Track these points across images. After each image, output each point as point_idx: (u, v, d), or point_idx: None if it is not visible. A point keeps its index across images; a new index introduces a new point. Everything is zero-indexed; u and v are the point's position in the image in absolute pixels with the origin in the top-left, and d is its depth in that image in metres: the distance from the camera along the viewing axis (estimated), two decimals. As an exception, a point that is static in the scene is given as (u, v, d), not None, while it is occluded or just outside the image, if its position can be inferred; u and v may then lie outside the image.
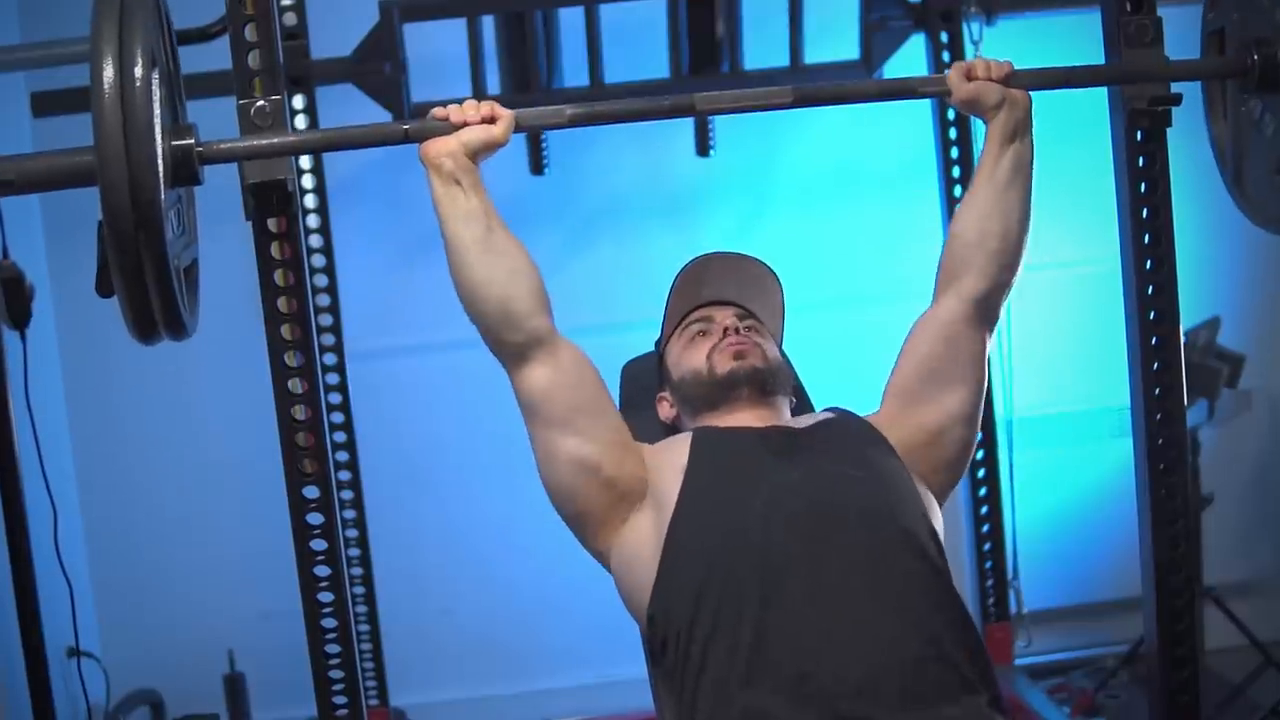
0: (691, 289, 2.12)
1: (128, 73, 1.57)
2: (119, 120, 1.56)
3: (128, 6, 1.61)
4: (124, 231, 1.58)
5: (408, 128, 1.88)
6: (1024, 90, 1.94)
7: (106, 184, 1.57)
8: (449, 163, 1.83)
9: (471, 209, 1.83)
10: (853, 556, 1.76)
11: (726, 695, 1.70)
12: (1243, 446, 3.71)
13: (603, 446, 1.87)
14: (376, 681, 3.40)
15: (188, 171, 1.75)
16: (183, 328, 1.71)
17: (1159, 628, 2.22)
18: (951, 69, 1.94)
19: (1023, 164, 1.93)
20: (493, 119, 1.86)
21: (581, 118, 1.92)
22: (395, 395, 3.56)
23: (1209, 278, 3.07)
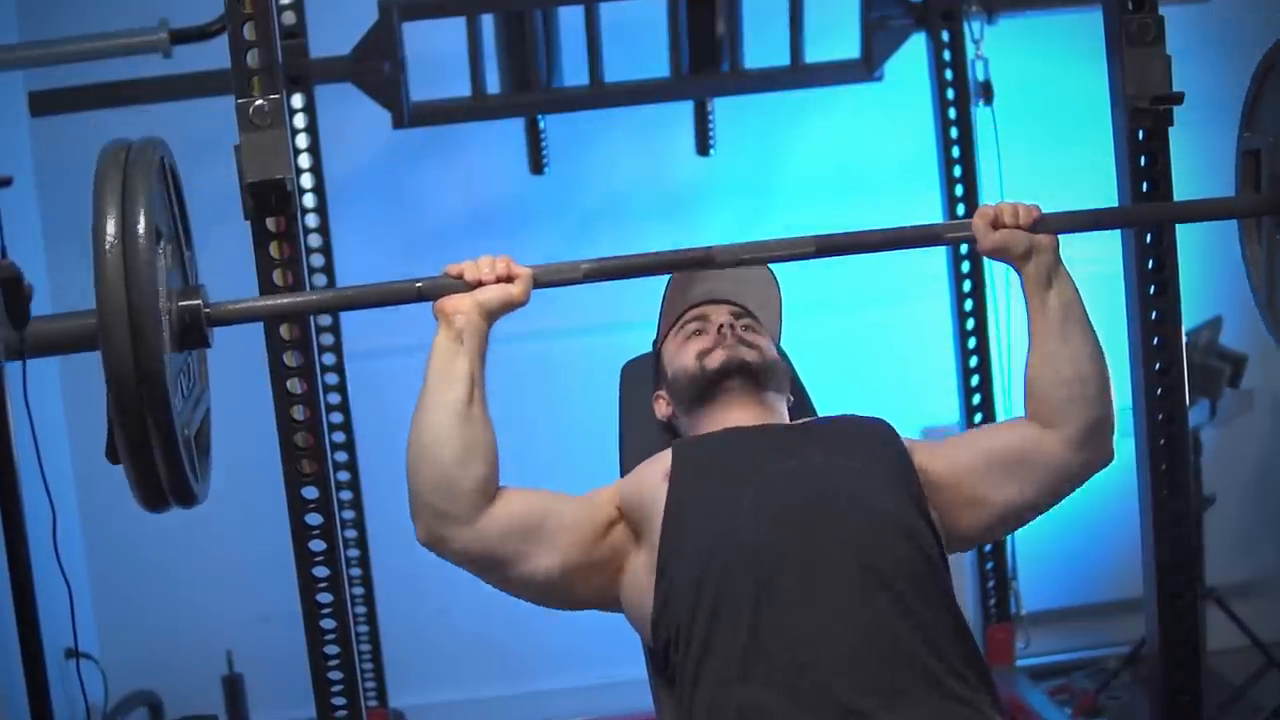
0: (687, 286, 2.12)
1: (130, 236, 1.54)
2: (121, 284, 1.53)
3: (131, 169, 1.60)
4: (128, 398, 1.55)
5: (420, 285, 1.85)
6: (1051, 234, 1.89)
7: (108, 349, 1.54)
8: (461, 319, 1.80)
9: (462, 373, 1.79)
10: (844, 548, 1.75)
11: (723, 692, 1.70)
12: (1245, 447, 3.70)
13: (563, 550, 1.83)
14: (375, 682, 3.40)
15: (196, 334, 1.72)
16: (193, 498, 1.67)
17: (1161, 628, 2.22)
18: (977, 215, 1.89)
19: (1069, 304, 1.88)
20: (509, 277, 1.82)
21: (596, 272, 1.88)
22: (394, 395, 3.53)
23: (1210, 277, 3.06)
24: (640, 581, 1.85)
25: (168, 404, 1.56)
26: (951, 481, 1.89)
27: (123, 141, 1.66)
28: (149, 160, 1.62)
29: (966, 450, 1.93)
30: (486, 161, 3.59)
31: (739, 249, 1.90)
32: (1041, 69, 3.51)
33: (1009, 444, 1.90)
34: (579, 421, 2.87)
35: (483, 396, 1.80)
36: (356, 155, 3.53)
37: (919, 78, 3.32)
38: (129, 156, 1.61)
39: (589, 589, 1.87)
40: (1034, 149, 3.45)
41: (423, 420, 1.79)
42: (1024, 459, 1.89)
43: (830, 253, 1.92)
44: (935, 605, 1.75)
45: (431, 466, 1.78)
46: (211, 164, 2.15)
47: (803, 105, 3.54)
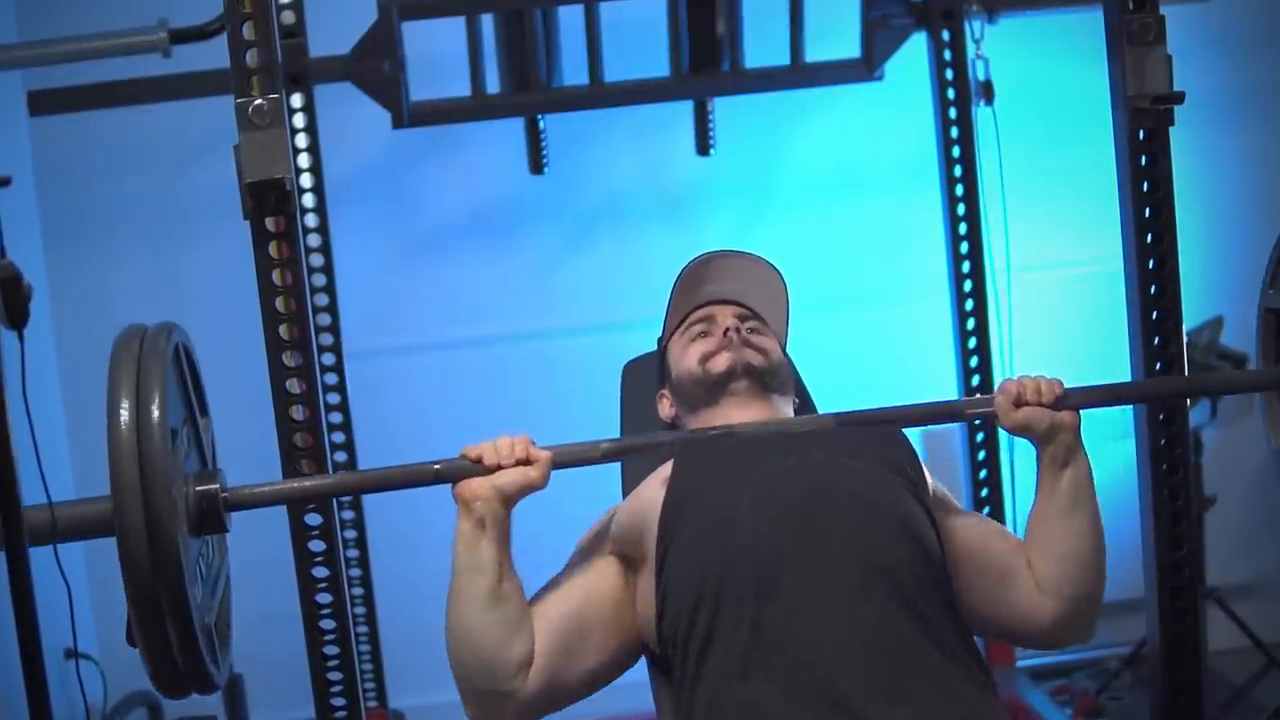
0: (694, 286, 2.11)
1: (144, 426, 1.55)
2: (135, 474, 1.54)
3: (145, 356, 1.60)
4: (143, 592, 1.54)
5: (439, 468, 1.81)
6: (1074, 410, 1.87)
7: (123, 543, 1.53)
8: (480, 506, 1.77)
9: (487, 561, 1.77)
10: (845, 545, 1.75)
11: (723, 690, 1.70)
12: (1246, 447, 3.68)
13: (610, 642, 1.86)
14: (375, 683, 3.40)
15: (213, 520, 1.71)
16: (212, 687, 1.66)
17: (1161, 629, 2.21)
18: (999, 393, 1.88)
19: (1081, 486, 1.87)
20: (528, 460, 1.79)
21: (615, 451, 1.88)
22: (394, 395, 3.55)
23: (1212, 277, 3.07)
24: (645, 596, 1.85)
25: (185, 593, 1.55)
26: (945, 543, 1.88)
27: (137, 329, 1.67)
28: (162, 347, 1.63)
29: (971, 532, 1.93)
30: (486, 161, 3.59)
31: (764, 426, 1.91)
32: (1042, 69, 3.51)
33: (1006, 560, 1.90)
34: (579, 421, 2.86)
35: (512, 576, 1.79)
36: (356, 155, 3.53)
37: (919, 77, 3.32)
38: (143, 344, 1.62)
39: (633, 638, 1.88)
40: (1035, 149, 3.45)
41: (456, 610, 1.79)
42: (1007, 582, 1.89)
43: (851, 425, 1.89)
44: (936, 603, 1.75)
45: (474, 655, 1.78)
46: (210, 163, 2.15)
47: (803, 105, 3.54)
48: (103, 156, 3.45)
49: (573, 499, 1.96)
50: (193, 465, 1.70)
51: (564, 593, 1.87)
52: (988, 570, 1.89)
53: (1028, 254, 3.45)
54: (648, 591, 1.84)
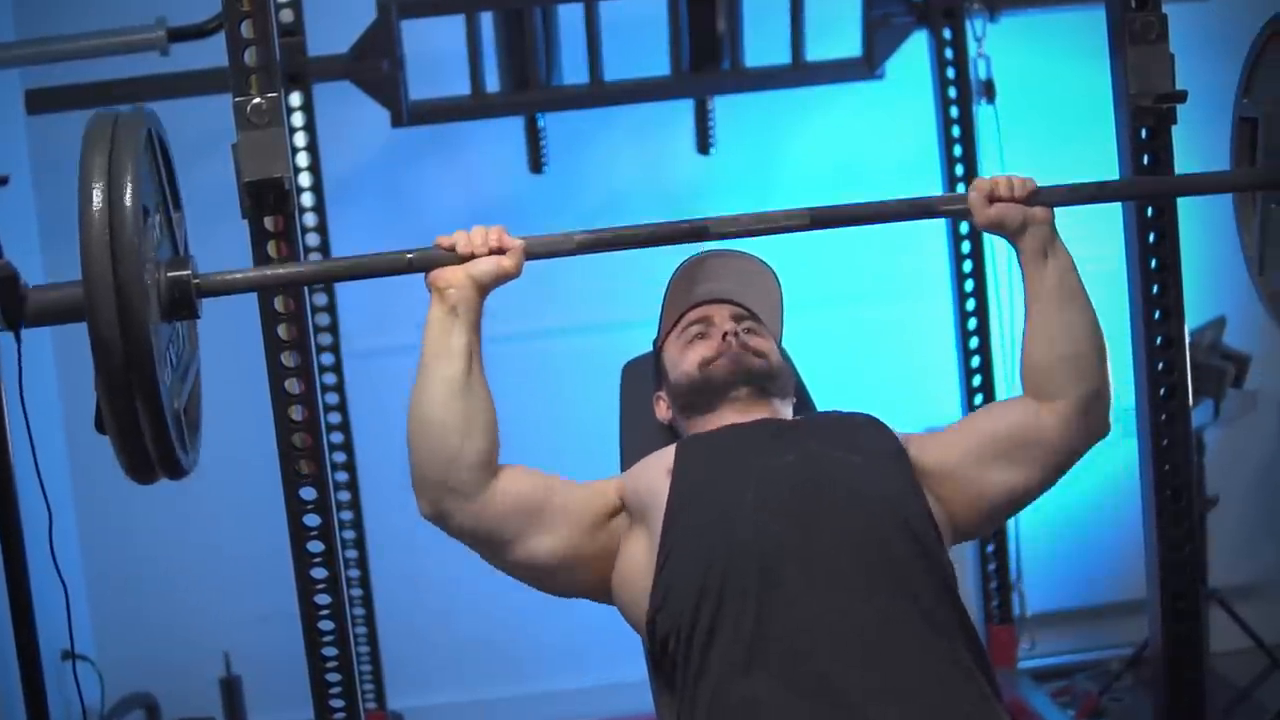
0: (688, 286, 2.11)
1: (117, 208, 1.52)
2: (107, 256, 1.50)
3: (118, 139, 1.57)
4: (114, 371, 1.52)
5: (412, 256, 1.81)
6: (1047, 206, 1.87)
7: (94, 321, 1.51)
8: (454, 293, 1.78)
9: (459, 347, 1.78)
10: (846, 540, 1.74)
11: (726, 684, 1.69)
12: (1248, 447, 3.70)
13: (564, 534, 1.84)
14: (374, 684, 3.39)
15: (185, 306, 1.70)
16: (180, 470, 1.65)
17: (1164, 630, 2.21)
18: (972, 189, 1.86)
19: (1065, 277, 1.85)
20: (501, 249, 1.80)
21: (590, 244, 1.86)
22: (393, 395, 3.52)
23: (1214, 276, 3.05)
24: (635, 572, 1.84)
25: (155, 377, 1.54)
26: (949, 472, 1.88)
27: (110, 111, 1.64)
28: (136, 131, 1.60)
29: (965, 438, 1.91)
30: (486, 160, 3.59)
31: (734, 220, 1.91)
32: (1044, 67, 3.50)
33: (1008, 427, 1.88)
34: (579, 421, 2.86)
35: (480, 369, 1.80)
36: (355, 154, 3.53)
37: (920, 76, 3.32)
38: (116, 127, 1.59)
39: (587, 575, 1.87)
40: (1036, 148, 3.44)
41: (422, 395, 1.80)
42: (1024, 441, 1.86)
43: (825, 224, 1.91)
44: (937, 597, 1.74)
45: (432, 440, 1.78)
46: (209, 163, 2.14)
47: (804, 103, 3.53)
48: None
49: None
50: (164, 253, 1.68)
51: (560, 479, 1.88)
52: (1009, 444, 1.87)
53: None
54: (636, 565, 1.84)
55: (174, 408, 1.63)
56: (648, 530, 1.84)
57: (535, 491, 1.83)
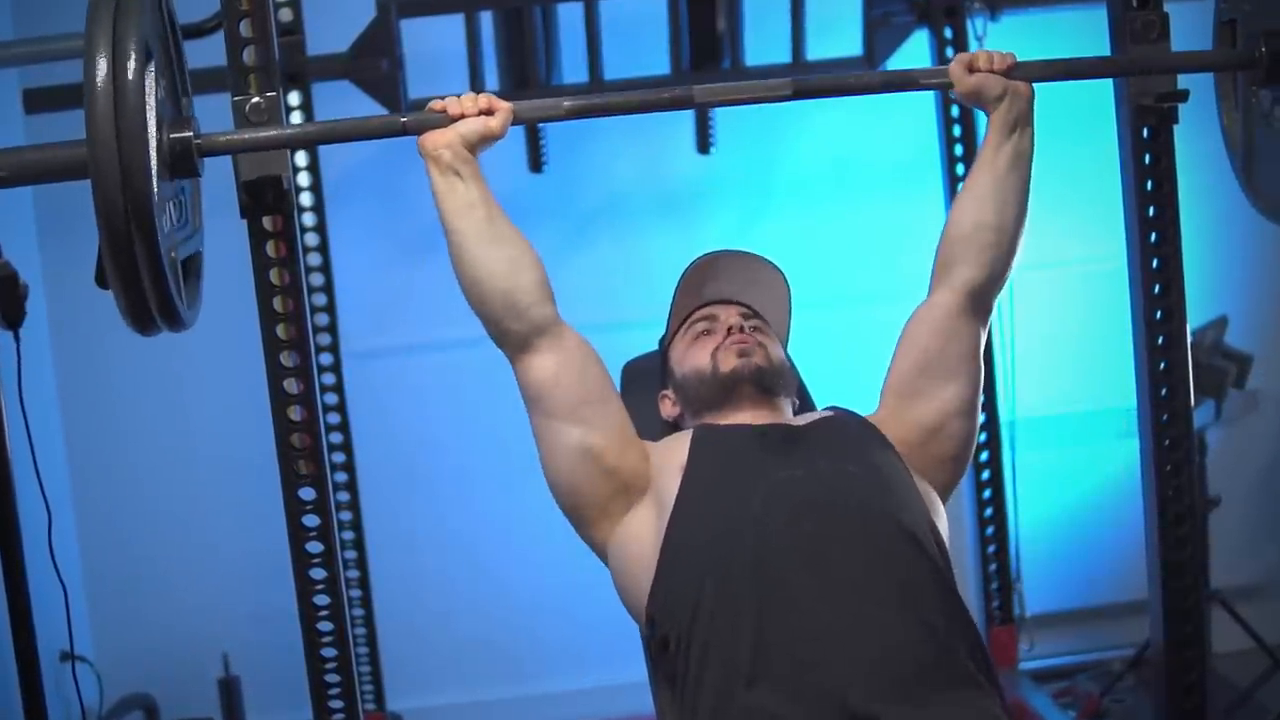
0: (697, 286, 2.11)
1: (120, 64, 1.55)
2: (111, 111, 1.55)
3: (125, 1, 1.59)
4: (116, 224, 1.57)
5: (405, 120, 1.88)
6: (1027, 81, 1.93)
7: (98, 175, 1.55)
8: (447, 154, 1.84)
9: (471, 199, 1.84)
10: (851, 552, 1.75)
11: (727, 695, 1.69)
12: (1250, 447, 3.69)
13: (607, 436, 1.87)
14: (373, 685, 3.39)
15: (186, 164, 1.74)
16: (180, 321, 1.69)
17: (1165, 631, 2.21)
18: (954, 61, 1.93)
19: (1022, 155, 1.93)
20: (490, 111, 1.86)
21: (579, 110, 1.91)
22: (392, 395, 3.54)
23: (1216, 276, 3.06)
24: (637, 551, 1.84)
25: (154, 227, 1.58)
26: (912, 425, 1.93)
27: None
28: None
29: (902, 384, 1.97)
30: (485, 160, 3.52)
31: (716, 89, 1.93)
32: (1045, 66, 3.49)
33: (927, 341, 1.95)
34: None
35: (499, 211, 1.86)
36: (354, 153, 3.51)
37: (921, 75, 3.30)
38: None
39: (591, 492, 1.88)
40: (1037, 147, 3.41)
41: (459, 256, 1.85)
42: (944, 345, 1.94)
43: (807, 95, 1.94)
44: (944, 609, 1.74)
45: (489, 293, 1.84)
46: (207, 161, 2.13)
47: (804, 103, 3.49)
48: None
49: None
50: (168, 113, 1.71)
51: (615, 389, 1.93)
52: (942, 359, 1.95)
53: (1030, 253, 3.40)
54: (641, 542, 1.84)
55: (173, 256, 1.66)
56: (657, 515, 1.84)
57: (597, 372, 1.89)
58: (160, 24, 1.69)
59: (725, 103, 1.97)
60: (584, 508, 1.89)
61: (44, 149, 1.72)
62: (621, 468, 1.88)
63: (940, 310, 1.95)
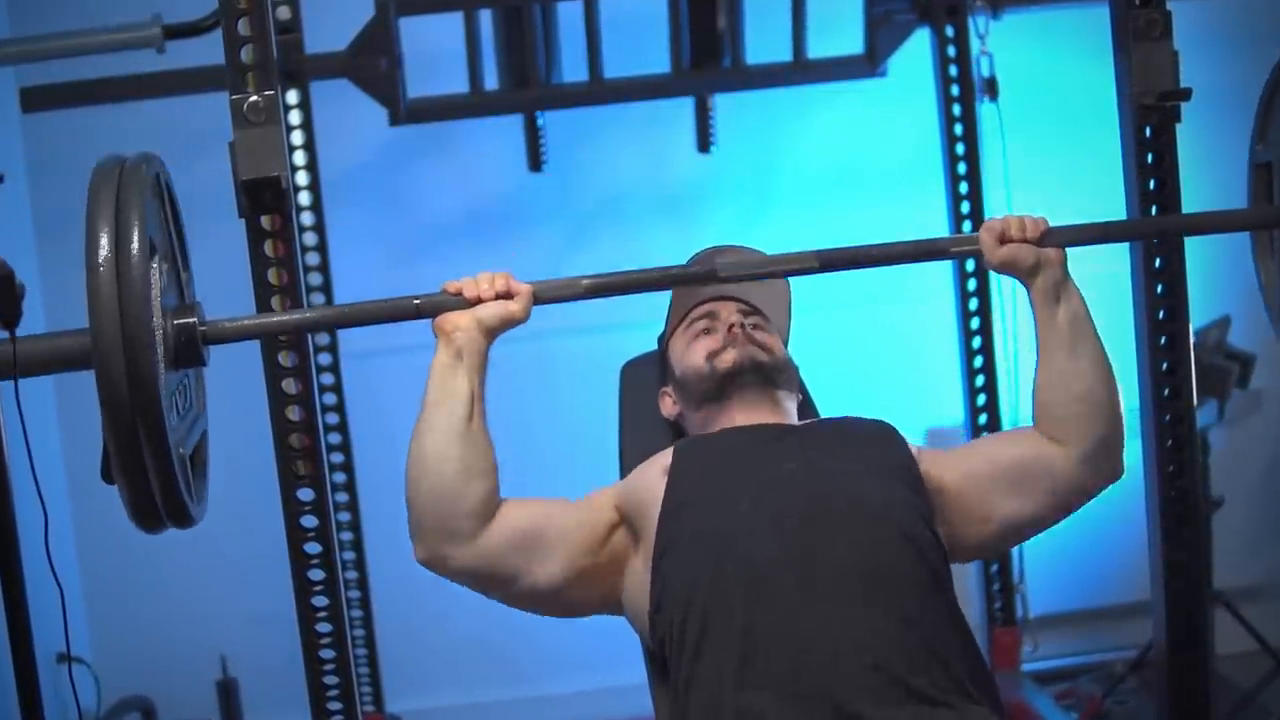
0: (697, 283, 2.09)
1: (124, 254, 1.52)
2: (114, 303, 1.51)
3: (125, 184, 1.57)
4: (121, 419, 1.53)
5: (419, 302, 1.82)
6: (1059, 247, 1.86)
7: (101, 369, 1.52)
8: (461, 337, 1.79)
9: (462, 393, 1.78)
10: (843, 551, 1.73)
11: (718, 695, 1.68)
12: (1253, 448, 3.69)
13: (565, 558, 1.83)
14: (372, 687, 3.38)
15: (192, 353, 1.70)
16: (189, 519, 1.66)
17: (1168, 632, 2.21)
18: (983, 230, 1.86)
19: (1078, 319, 1.86)
20: (509, 294, 1.80)
21: (598, 287, 1.88)
22: (391, 395, 3.51)
23: (1218, 276, 3.04)
24: (639, 581, 1.83)
25: (162, 424, 1.54)
26: (957, 491, 1.88)
27: (117, 157, 1.64)
28: (143, 176, 1.60)
29: (974, 460, 1.91)
30: (484, 159, 3.57)
31: (741, 264, 1.89)
32: (1047, 65, 3.49)
33: (1018, 456, 1.88)
34: (579, 421, 2.85)
35: (483, 414, 1.79)
36: (353, 152, 3.51)
37: (923, 74, 3.30)
38: (123, 172, 1.59)
39: (593, 595, 1.86)
40: (1039, 146, 3.43)
41: (423, 439, 1.78)
42: (1032, 472, 1.86)
43: (833, 267, 1.89)
44: (936, 611, 1.73)
45: (432, 485, 1.77)
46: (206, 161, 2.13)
47: (805, 101, 3.52)
48: (96, 154, 3.39)
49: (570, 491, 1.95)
50: (171, 301, 1.68)
51: (556, 503, 1.86)
52: (1012, 475, 1.87)
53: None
54: (640, 575, 1.83)
55: (181, 454, 1.62)
56: (645, 537, 1.83)
57: (533, 524, 1.81)
58: (160, 206, 1.67)
59: (750, 277, 1.90)
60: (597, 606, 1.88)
61: (48, 339, 1.69)
62: (599, 561, 1.84)
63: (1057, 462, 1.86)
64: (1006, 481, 1.87)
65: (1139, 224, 2.10)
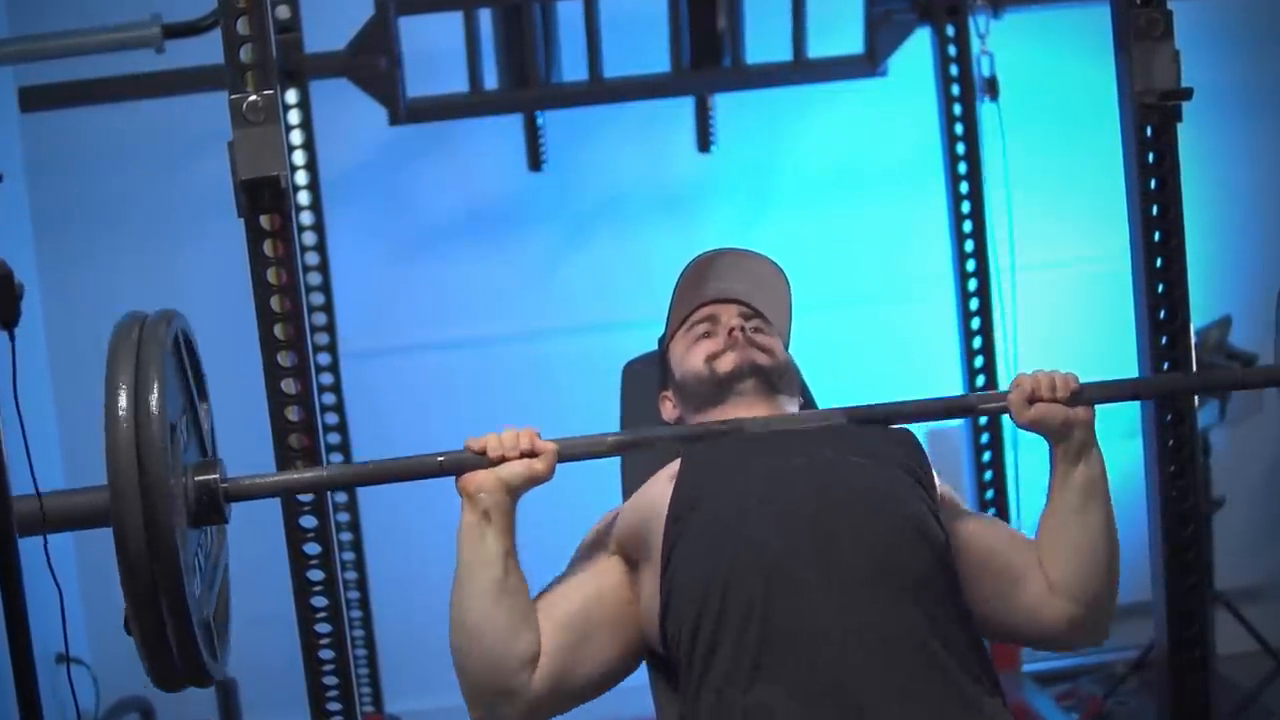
0: (697, 285, 2.09)
1: (143, 418, 1.52)
2: (134, 468, 1.51)
3: (145, 344, 1.57)
4: (140, 582, 1.52)
5: (442, 460, 1.80)
6: (1089, 405, 1.85)
7: (120, 533, 1.51)
8: (486, 499, 1.76)
9: (494, 554, 1.76)
10: (856, 545, 1.72)
11: (730, 691, 1.68)
12: (1254, 448, 3.69)
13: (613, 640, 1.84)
14: (371, 688, 3.38)
15: (213, 511, 1.68)
16: (208, 680, 1.63)
17: (1169, 633, 2.21)
18: (1013, 389, 1.85)
19: (1095, 482, 1.85)
20: (533, 452, 1.78)
21: (624, 444, 1.89)
22: (390, 395, 3.52)
23: (1219, 275, 3.05)
24: (649, 591, 1.83)
25: (183, 589, 1.53)
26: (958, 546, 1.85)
27: (137, 316, 1.65)
28: (162, 337, 1.60)
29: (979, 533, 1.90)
30: (484, 159, 3.57)
31: (768, 420, 1.88)
32: (1048, 64, 3.50)
33: (1015, 560, 1.87)
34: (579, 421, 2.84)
35: (517, 567, 1.78)
36: (352, 152, 3.51)
37: (923, 73, 3.30)
38: (142, 333, 1.59)
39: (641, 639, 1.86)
40: (1040, 145, 3.43)
41: (462, 605, 1.77)
42: (1017, 582, 1.86)
43: (862, 421, 1.88)
44: (947, 605, 1.73)
45: (480, 651, 1.77)
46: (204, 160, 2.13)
47: (805, 101, 3.52)
48: (95, 153, 3.43)
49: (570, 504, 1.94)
50: (192, 455, 1.68)
51: (569, 591, 1.86)
52: (998, 572, 1.87)
53: (1033, 252, 3.44)
54: (651, 588, 1.82)
55: (202, 616, 1.61)
56: (652, 550, 1.82)
57: (572, 644, 1.81)
58: (178, 361, 1.66)
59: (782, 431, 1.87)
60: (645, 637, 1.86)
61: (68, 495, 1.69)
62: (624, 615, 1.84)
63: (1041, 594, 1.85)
64: (991, 571, 1.86)
65: (1169, 380, 2.11)
